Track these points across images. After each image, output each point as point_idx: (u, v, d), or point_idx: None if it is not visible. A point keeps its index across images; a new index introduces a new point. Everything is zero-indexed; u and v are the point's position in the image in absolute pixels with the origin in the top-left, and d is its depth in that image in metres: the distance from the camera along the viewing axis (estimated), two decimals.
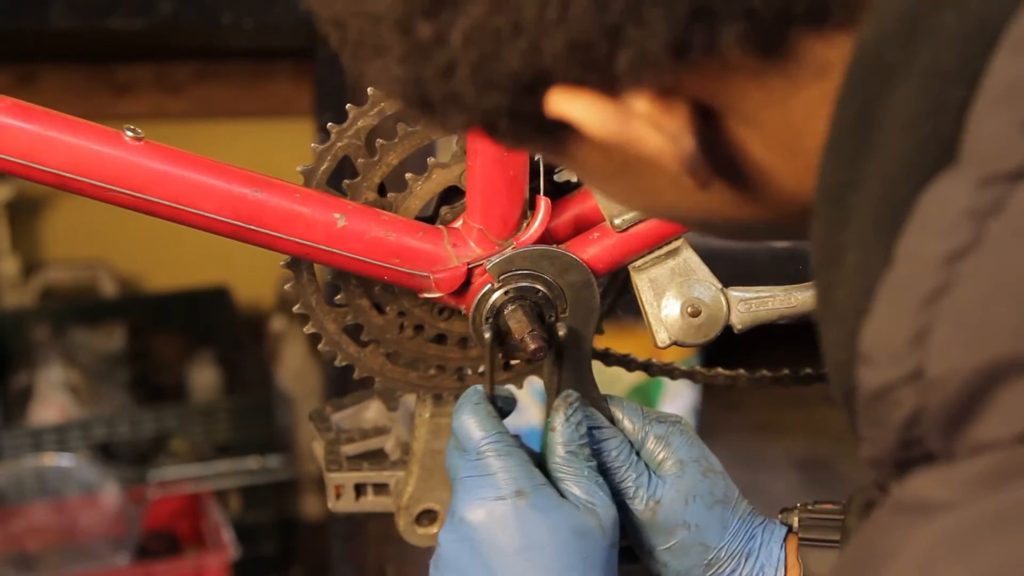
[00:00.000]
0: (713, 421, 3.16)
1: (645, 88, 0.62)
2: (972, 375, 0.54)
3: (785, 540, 1.00)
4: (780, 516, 1.02)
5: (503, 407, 0.98)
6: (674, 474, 0.97)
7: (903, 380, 0.56)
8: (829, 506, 1.00)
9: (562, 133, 0.65)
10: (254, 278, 3.19)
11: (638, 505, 0.97)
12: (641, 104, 0.62)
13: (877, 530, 0.58)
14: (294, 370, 3.14)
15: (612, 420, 1.00)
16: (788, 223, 0.71)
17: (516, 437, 0.97)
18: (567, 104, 0.62)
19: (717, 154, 0.66)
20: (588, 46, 0.60)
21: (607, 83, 0.62)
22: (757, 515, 1.00)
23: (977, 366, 0.54)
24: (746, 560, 0.99)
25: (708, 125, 0.65)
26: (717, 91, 0.64)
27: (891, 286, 0.57)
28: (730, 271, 1.07)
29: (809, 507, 1.01)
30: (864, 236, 0.59)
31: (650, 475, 0.98)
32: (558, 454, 0.94)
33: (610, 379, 1.50)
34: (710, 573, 0.98)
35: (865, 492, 0.66)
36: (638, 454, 0.99)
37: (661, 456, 0.98)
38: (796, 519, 1.01)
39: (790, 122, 0.64)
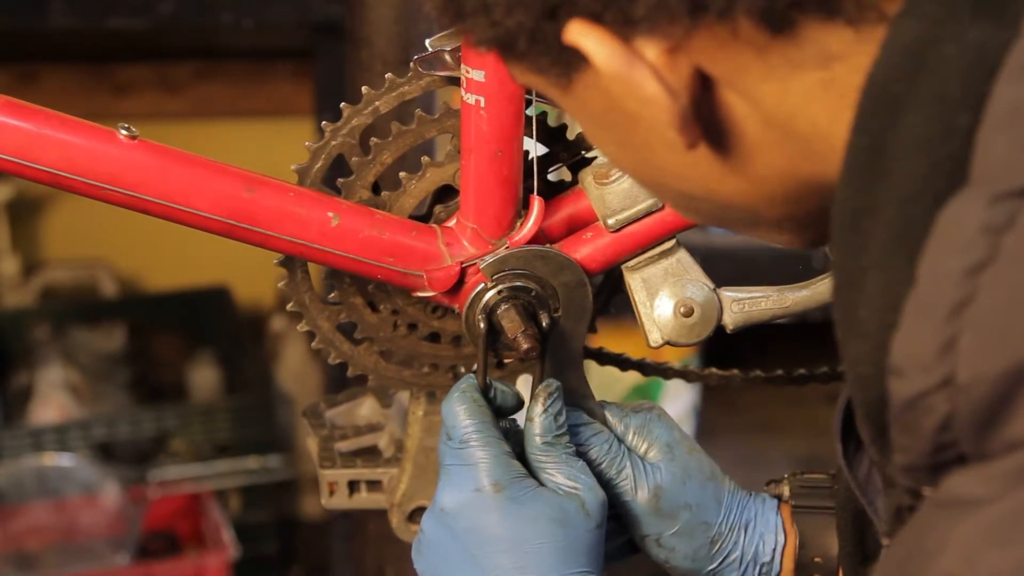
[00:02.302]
0: (713, 421, 3.15)
1: (656, 39, 0.66)
2: (999, 378, 0.57)
3: (778, 509, 1.02)
4: (768, 488, 1.04)
5: (500, 401, 0.98)
6: (665, 459, 0.99)
7: (934, 388, 0.59)
8: (817, 475, 1.03)
9: (573, 69, 0.69)
10: (254, 278, 3.19)
11: (642, 495, 0.98)
12: (650, 52, 0.66)
13: (920, 529, 0.62)
14: (294, 370, 3.14)
15: (600, 419, 1.01)
16: (769, 210, 0.74)
17: (513, 421, 0.97)
18: (582, 35, 0.66)
19: (709, 119, 0.69)
20: None
21: (623, 23, 0.65)
22: (743, 490, 1.02)
23: (1003, 369, 0.57)
24: (745, 532, 1.01)
25: (706, 90, 0.68)
26: (722, 58, 0.67)
27: (917, 302, 0.60)
28: (731, 271, 1.07)
29: (797, 476, 1.04)
30: (884, 257, 0.63)
31: (643, 465, 0.98)
32: (536, 444, 0.95)
33: (610, 379, 1.50)
34: (715, 550, 1.00)
35: (896, 499, 0.70)
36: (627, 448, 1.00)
37: (645, 445, 1.00)
38: (787, 488, 1.03)
39: (786, 103, 0.67)
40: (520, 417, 1.00)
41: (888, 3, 0.64)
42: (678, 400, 2.89)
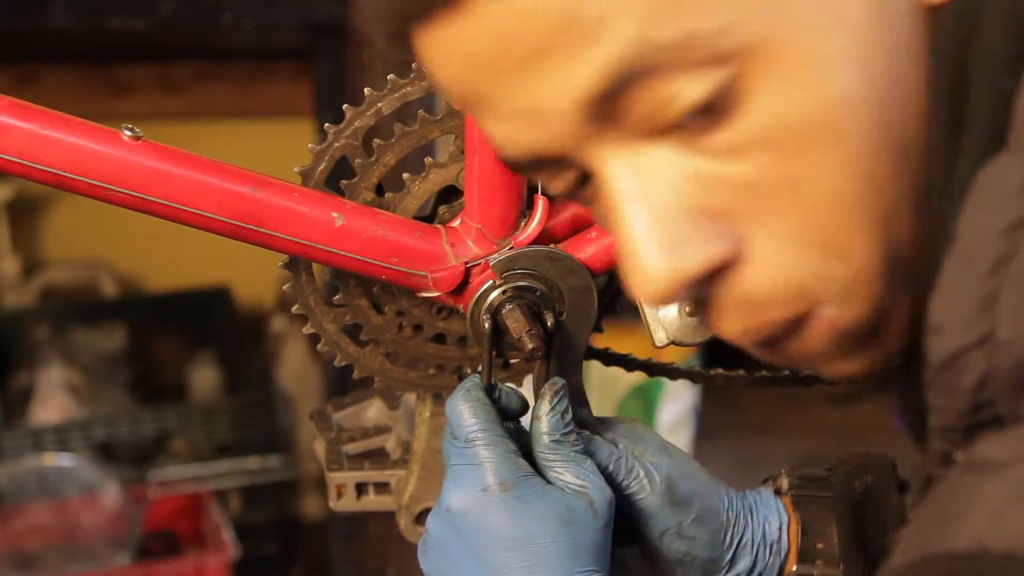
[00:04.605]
0: (713, 421, 3.16)
1: None
2: None
3: (777, 496, 1.03)
4: (765, 484, 1.04)
5: (505, 402, 0.98)
6: (663, 457, 0.98)
7: (973, 344, 0.60)
8: (813, 469, 1.04)
9: None
10: (254, 278, 3.19)
11: (657, 488, 0.97)
12: None
13: (948, 490, 0.62)
14: (294, 370, 3.14)
15: (591, 428, 1.00)
16: None
17: (518, 423, 0.97)
18: None
19: None
20: None
21: None
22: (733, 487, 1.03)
23: None
24: (752, 515, 1.00)
25: None
26: None
27: (956, 258, 0.61)
28: None
29: (795, 469, 1.04)
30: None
31: (645, 463, 0.98)
32: (543, 443, 0.94)
33: (611, 379, 1.49)
34: (729, 536, 0.99)
35: (924, 467, 0.70)
36: None
37: (639, 448, 0.99)
38: (785, 481, 1.03)
39: None
40: (525, 420, 0.99)
41: None
42: (678, 400, 2.90)
